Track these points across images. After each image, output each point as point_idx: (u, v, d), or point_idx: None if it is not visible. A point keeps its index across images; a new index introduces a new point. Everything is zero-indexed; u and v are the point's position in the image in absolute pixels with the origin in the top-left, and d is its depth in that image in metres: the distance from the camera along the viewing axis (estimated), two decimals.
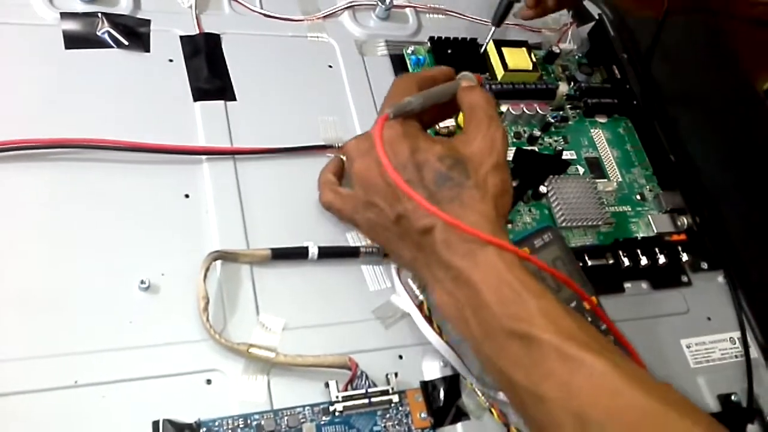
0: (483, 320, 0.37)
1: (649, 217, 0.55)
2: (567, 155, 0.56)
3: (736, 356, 0.51)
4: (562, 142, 0.57)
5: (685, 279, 0.53)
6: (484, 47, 0.57)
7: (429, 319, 0.43)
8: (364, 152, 0.42)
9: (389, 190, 0.40)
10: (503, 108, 0.55)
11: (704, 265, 0.54)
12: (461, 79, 0.45)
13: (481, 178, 0.40)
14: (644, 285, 0.52)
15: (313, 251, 0.44)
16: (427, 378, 0.43)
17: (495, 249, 0.37)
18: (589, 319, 0.43)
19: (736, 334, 0.52)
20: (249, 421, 0.38)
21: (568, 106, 0.59)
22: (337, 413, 0.39)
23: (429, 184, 0.40)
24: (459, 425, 0.42)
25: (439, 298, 0.39)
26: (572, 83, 0.60)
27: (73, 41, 0.49)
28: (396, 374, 0.41)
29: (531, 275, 0.37)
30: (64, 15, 0.49)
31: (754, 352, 0.52)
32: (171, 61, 0.50)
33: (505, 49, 0.57)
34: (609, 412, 0.33)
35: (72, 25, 0.49)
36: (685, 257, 0.53)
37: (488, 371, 0.39)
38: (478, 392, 0.42)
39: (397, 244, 0.42)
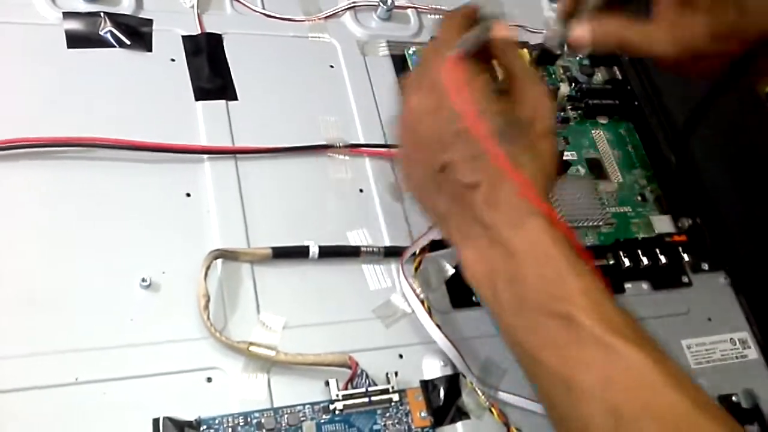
0: (517, 292, 0.35)
1: (650, 217, 0.55)
2: (568, 156, 0.56)
3: (736, 357, 0.51)
4: (563, 143, 0.57)
5: (685, 280, 0.53)
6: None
7: (431, 316, 0.43)
8: (425, 90, 0.39)
9: (441, 136, 0.37)
10: None
11: (705, 266, 0.54)
12: (486, 23, 0.40)
13: (532, 140, 0.37)
14: (645, 285, 0.52)
15: (314, 250, 0.44)
16: (427, 377, 0.43)
17: (544, 219, 0.35)
18: None
19: (737, 335, 0.52)
20: (249, 419, 0.38)
21: (569, 107, 0.59)
22: (337, 412, 0.39)
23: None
24: (459, 424, 0.42)
25: (469, 260, 0.37)
26: (573, 84, 0.60)
27: (75, 41, 0.49)
28: (396, 373, 0.41)
29: (575, 252, 0.35)
30: (67, 14, 0.49)
31: (755, 353, 0.52)
32: (173, 60, 0.51)
33: None
34: (645, 408, 0.31)
35: (74, 25, 0.49)
36: (685, 258, 0.53)
37: (510, 347, 0.36)
38: (479, 391, 0.42)
39: (431, 197, 0.39)
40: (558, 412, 0.34)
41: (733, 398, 0.48)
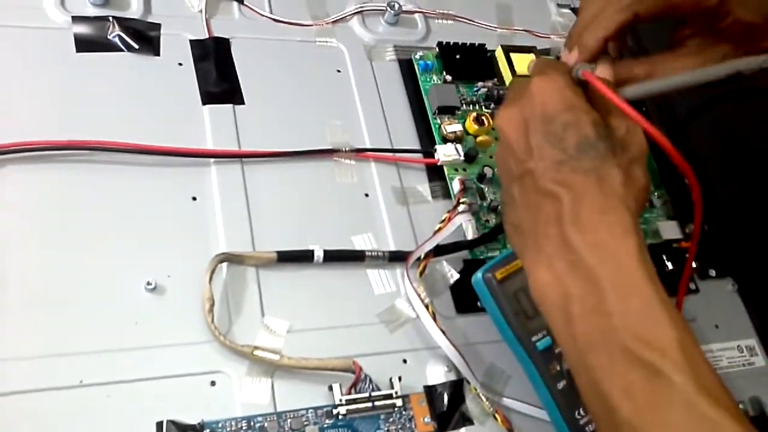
0: (597, 326, 0.31)
1: (657, 223, 0.54)
2: None
3: (743, 365, 0.51)
4: None
5: (692, 286, 0.53)
6: None
7: (436, 321, 0.43)
8: (518, 90, 0.37)
9: (528, 141, 0.35)
10: None
11: (712, 273, 0.54)
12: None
13: (625, 163, 0.34)
14: None
15: (319, 254, 0.44)
16: (431, 382, 0.43)
17: (635, 247, 0.31)
18: None
19: (744, 342, 0.52)
20: (252, 423, 0.38)
21: None
22: (340, 416, 0.39)
23: (569, 147, 0.34)
24: (463, 430, 0.42)
25: (540, 279, 0.33)
26: None
27: (84, 44, 0.49)
28: (400, 378, 0.41)
29: (666, 294, 0.31)
30: (76, 19, 0.50)
31: (762, 361, 0.51)
32: (180, 64, 0.51)
33: (513, 55, 0.57)
34: None
35: (83, 29, 0.50)
36: (693, 264, 0.53)
37: (579, 383, 0.33)
38: (483, 397, 0.42)
39: (508, 202, 0.37)
40: None
41: (740, 406, 0.48)
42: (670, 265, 0.52)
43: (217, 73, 0.51)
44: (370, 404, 0.40)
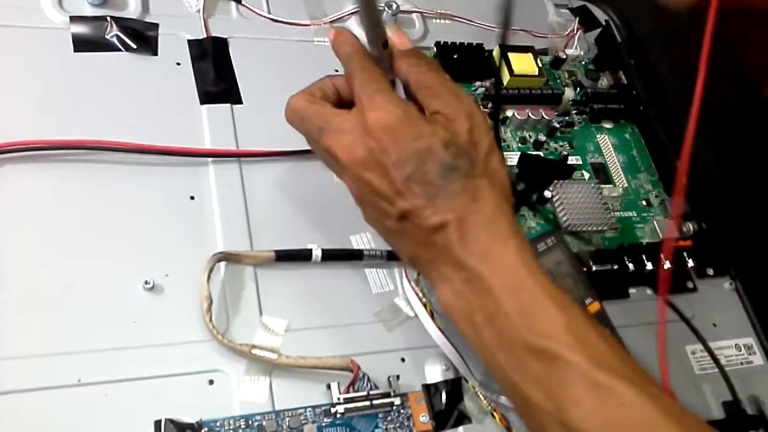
0: (499, 330, 0.34)
1: (655, 222, 0.55)
2: (572, 160, 0.56)
3: (741, 363, 0.51)
4: (568, 148, 0.57)
5: (690, 285, 0.53)
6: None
7: (434, 320, 0.43)
8: (356, 134, 0.36)
9: (393, 184, 0.36)
10: (509, 113, 0.55)
11: (710, 272, 0.54)
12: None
13: (482, 162, 0.36)
14: (649, 291, 0.52)
15: (317, 253, 0.45)
16: (429, 381, 0.43)
17: (516, 249, 0.34)
18: None
19: (742, 341, 0.52)
20: (250, 422, 0.38)
21: (574, 111, 0.59)
22: (338, 415, 0.39)
23: (434, 178, 0.35)
24: (461, 429, 0.42)
25: (445, 299, 0.36)
26: (578, 89, 0.60)
27: (81, 44, 0.49)
28: (398, 377, 0.41)
29: (554, 282, 0.34)
30: (74, 18, 0.50)
31: (760, 359, 0.51)
32: (178, 64, 0.51)
33: (511, 54, 0.57)
34: None
35: (81, 29, 0.50)
36: (690, 263, 0.53)
37: (499, 382, 0.36)
38: (481, 396, 0.42)
39: (397, 241, 0.39)
40: None
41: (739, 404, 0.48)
42: (668, 264, 0.52)
43: (215, 73, 0.51)
44: (368, 403, 0.40)
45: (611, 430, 0.31)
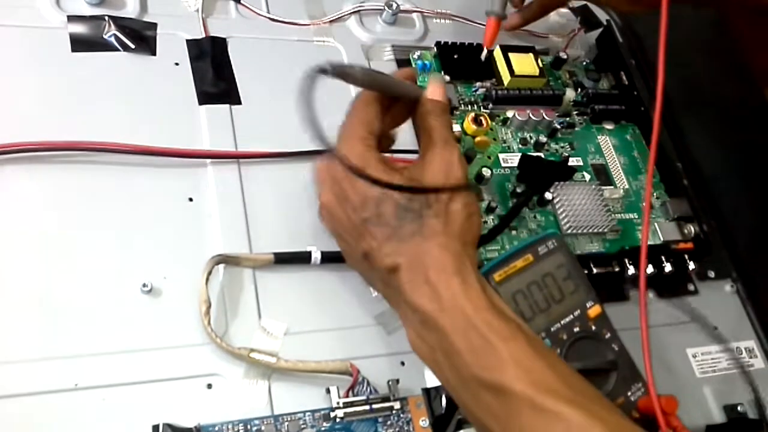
0: (455, 367, 0.35)
1: (656, 224, 0.54)
2: (573, 162, 0.55)
3: (742, 366, 0.51)
4: (569, 149, 0.56)
5: (691, 288, 0.53)
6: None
7: None
8: (332, 182, 0.40)
9: (354, 226, 0.39)
10: (509, 114, 0.55)
11: (711, 274, 0.54)
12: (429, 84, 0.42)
13: (442, 205, 0.38)
14: (650, 293, 0.52)
15: (316, 256, 0.44)
16: (429, 385, 0.42)
17: (461, 289, 0.36)
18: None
19: (744, 344, 0.52)
20: (249, 427, 0.38)
21: (575, 112, 0.58)
22: (337, 419, 0.39)
23: (390, 219, 0.38)
24: None
25: (412, 340, 0.38)
26: (579, 89, 0.60)
27: (79, 44, 0.49)
28: (398, 381, 0.41)
29: (500, 315, 0.35)
30: (71, 18, 0.49)
31: (761, 363, 0.51)
32: (177, 64, 0.51)
33: (511, 55, 0.56)
34: None
35: (79, 28, 0.49)
36: (691, 266, 0.53)
37: (467, 417, 0.38)
38: None
39: (369, 277, 0.42)
40: None
41: (739, 408, 0.48)
42: (669, 267, 0.52)
43: (214, 73, 0.51)
44: (367, 407, 0.40)
45: None
